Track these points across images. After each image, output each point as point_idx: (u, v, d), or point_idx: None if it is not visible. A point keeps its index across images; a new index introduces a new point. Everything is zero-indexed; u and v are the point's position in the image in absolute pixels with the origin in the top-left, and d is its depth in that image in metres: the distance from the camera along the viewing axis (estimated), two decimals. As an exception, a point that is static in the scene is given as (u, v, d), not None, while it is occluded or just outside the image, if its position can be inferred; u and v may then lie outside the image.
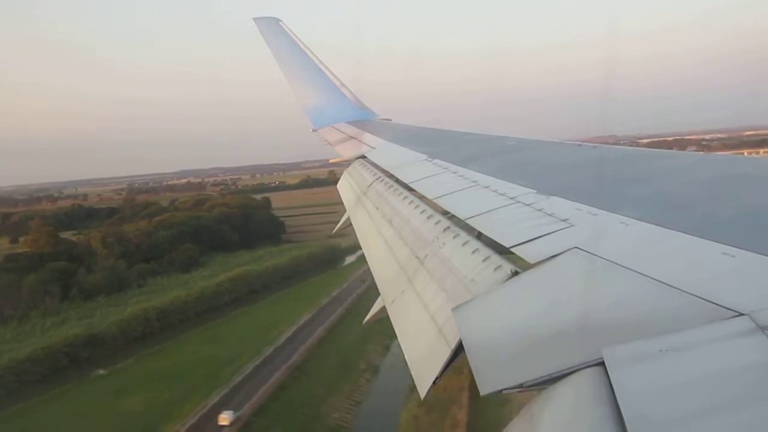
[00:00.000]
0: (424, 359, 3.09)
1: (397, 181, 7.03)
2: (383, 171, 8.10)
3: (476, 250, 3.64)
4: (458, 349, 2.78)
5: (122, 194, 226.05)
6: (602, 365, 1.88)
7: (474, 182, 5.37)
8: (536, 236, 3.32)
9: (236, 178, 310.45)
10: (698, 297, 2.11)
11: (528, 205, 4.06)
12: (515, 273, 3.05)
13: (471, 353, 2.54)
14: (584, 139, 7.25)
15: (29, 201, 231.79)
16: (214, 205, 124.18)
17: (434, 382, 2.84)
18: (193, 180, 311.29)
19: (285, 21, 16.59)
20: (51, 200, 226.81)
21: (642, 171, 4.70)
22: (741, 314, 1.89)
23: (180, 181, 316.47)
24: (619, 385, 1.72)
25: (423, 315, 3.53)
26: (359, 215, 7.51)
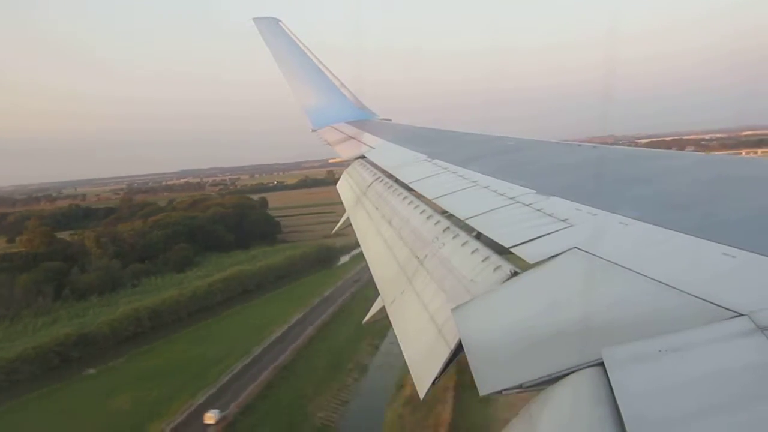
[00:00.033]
0: (424, 359, 3.09)
1: (397, 181, 7.02)
2: (383, 171, 8.09)
3: (476, 251, 3.64)
4: (458, 350, 2.78)
5: (120, 194, 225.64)
6: (602, 365, 1.88)
7: (473, 182, 5.36)
8: (536, 236, 3.32)
9: (235, 178, 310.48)
10: (698, 297, 2.11)
11: (527, 206, 4.05)
12: (515, 273, 3.05)
13: (470, 353, 2.54)
14: (584, 139, 7.26)
15: (28, 201, 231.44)
16: (210, 205, 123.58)
17: (434, 383, 2.84)
18: (192, 180, 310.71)
19: (285, 21, 16.64)
20: (49, 200, 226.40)
21: (641, 171, 4.70)
22: (740, 315, 1.89)
23: (179, 181, 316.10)
24: (619, 386, 1.72)
25: (422, 315, 3.52)
26: (359, 215, 7.50)
